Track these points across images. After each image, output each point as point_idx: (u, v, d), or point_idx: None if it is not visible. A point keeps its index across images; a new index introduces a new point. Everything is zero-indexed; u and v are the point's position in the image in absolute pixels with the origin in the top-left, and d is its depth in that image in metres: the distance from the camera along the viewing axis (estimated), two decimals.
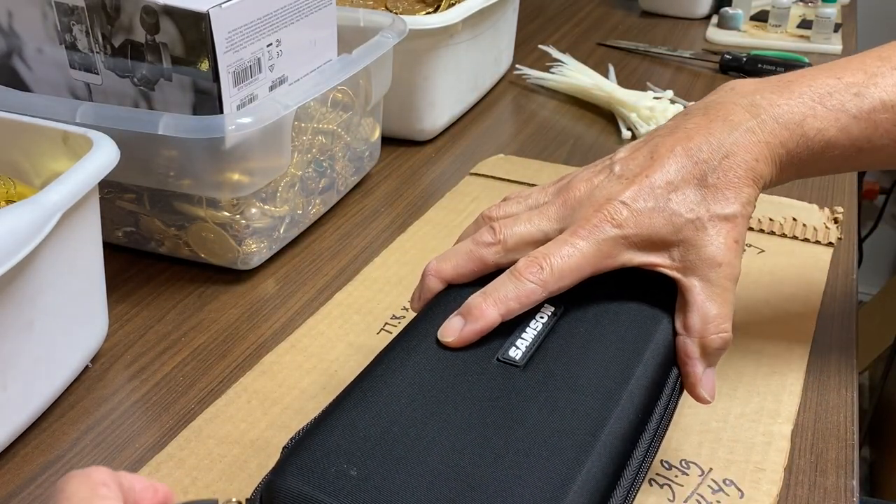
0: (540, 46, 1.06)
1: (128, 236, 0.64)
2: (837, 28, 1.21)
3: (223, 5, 0.53)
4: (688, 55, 1.11)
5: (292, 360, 0.53)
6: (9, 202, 0.51)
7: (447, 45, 0.81)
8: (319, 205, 0.69)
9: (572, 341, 0.40)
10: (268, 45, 0.58)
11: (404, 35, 0.71)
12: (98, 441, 0.48)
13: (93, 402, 0.50)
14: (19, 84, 0.61)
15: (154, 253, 0.64)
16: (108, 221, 0.63)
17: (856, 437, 0.48)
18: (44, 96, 0.60)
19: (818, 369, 0.53)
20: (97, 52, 0.57)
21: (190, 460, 0.46)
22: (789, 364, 0.53)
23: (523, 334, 0.40)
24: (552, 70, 1.00)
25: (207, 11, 0.52)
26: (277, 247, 0.65)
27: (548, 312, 0.41)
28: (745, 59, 1.05)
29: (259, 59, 0.57)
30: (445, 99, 0.85)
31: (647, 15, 1.32)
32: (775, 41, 1.18)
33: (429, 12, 0.83)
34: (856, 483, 0.45)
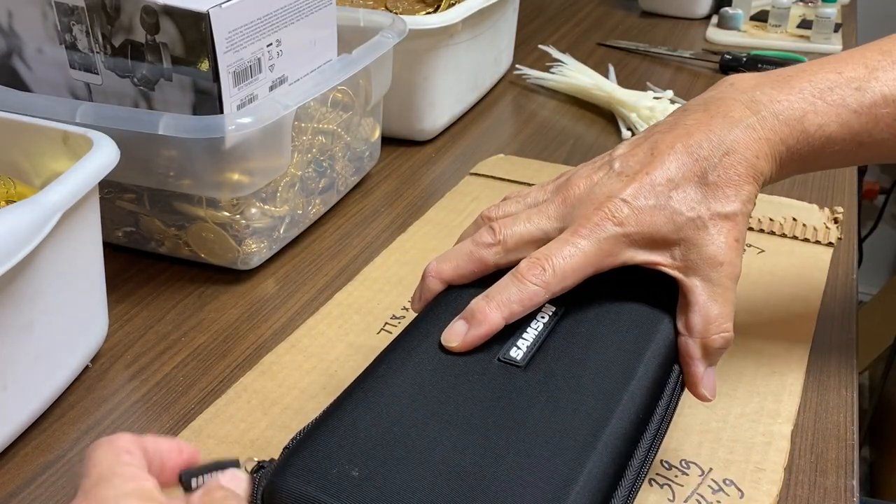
0: (540, 46, 1.06)
1: (128, 236, 0.64)
2: (837, 28, 1.22)
3: (223, 5, 0.53)
4: (688, 55, 1.11)
5: (292, 360, 0.53)
6: (9, 202, 0.51)
7: (447, 45, 0.81)
8: (319, 205, 0.69)
9: (573, 341, 0.39)
10: (268, 45, 0.58)
11: (404, 35, 0.71)
12: None
13: (93, 402, 0.50)
14: (19, 84, 0.61)
15: (154, 253, 0.64)
16: (108, 221, 0.63)
17: (856, 437, 0.48)
18: (44, 96, 0.60)
19: (818, 369, 0.53)
20: (97, 52, 0.57)
21: None
22: (789, 364, 0.53)
23: (524, 334, 0.39)
24: (552, 70, 1.00)
25: (207, 11, 0.52)
26: (277, 247, 0.65)
27: (549, 312, 0.41)
28: (745, 59, 1.05)
29: (259, 59, 0.57)
30: (445, 99, 0.85)
31: (647, 15, 1.32)
32: (775, 41, 1.18)
33: (429, 12, 0.83)
34: (856, 483, 0.45)
